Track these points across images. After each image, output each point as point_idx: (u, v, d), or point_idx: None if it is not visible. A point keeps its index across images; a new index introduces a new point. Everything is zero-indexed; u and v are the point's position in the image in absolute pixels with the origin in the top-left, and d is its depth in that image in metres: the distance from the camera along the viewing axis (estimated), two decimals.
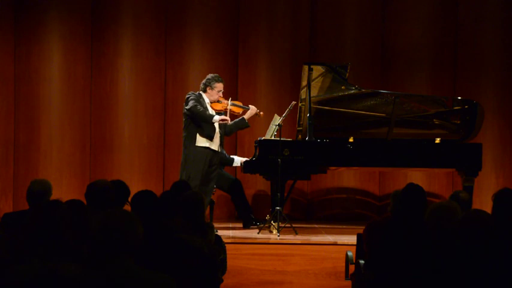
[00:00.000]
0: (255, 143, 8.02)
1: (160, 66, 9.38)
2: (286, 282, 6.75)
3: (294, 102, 7.80)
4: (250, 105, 7.85)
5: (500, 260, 3.43)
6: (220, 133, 7.63)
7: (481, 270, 3.38)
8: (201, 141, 7.49)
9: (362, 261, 4.92)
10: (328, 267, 6.75)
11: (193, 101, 7.45)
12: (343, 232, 7.68)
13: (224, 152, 8.09)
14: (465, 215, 3.58)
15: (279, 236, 7.17)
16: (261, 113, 7.86)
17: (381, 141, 7.97)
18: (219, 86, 7.62)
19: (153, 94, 9.37)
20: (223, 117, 7.49)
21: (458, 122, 8.13)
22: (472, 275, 3.37)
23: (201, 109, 7.43)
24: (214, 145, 7.55)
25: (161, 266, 3.36)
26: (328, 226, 8.45)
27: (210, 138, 7.49)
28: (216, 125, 7.56)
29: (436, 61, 9.42)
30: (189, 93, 7.64)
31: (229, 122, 7.57)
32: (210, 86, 7.60)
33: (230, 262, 5.83)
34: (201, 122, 7.47)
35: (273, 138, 7.79)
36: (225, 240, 5.59)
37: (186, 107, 7.49)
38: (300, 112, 7.96)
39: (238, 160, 8.21)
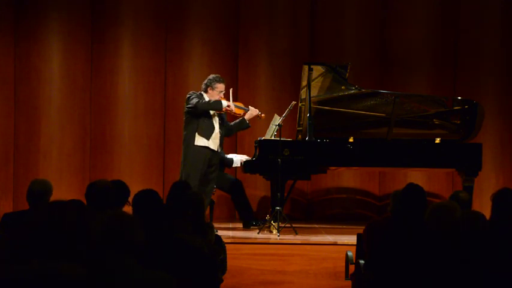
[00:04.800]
0: (255, 143, 8.02)
1: (160, 66, 9.38)
2: (286, 282, 6.74)
3: (294, 102, 7.80)
4: (251, 107, 7.86)
5: (500, 260, 3.43)
6: (220, 133, 7.65)
7: (481, 270, 3.38)
8: (200, 141, 7.50)
9: (362, 261, 4.92)
10: (328, 267, 6.75)
11: (195, 98, 7.50)
12: (343, 232, 7.67)
13: (223, 153, 8.07)
14: (460, 217, 3.58)
15: (279, 236, 7.16)
16: (262, 115, 7.86)
17: (381, 141, 7.97)
18: (220, 86, 7.63)
19: (153, 94, 9.37)
20: (230, 103, 7.56)
21: (458, 122, 8.13)
22: (472, 274, 3.37)
23: (206, 101, 7.48)
24: (214, 145, 7.55)
25: (161, 265, 3.36)
26: (328, 226, 8.44)
27: (208, 136, 7.49)
28: (216, 124, 7.58)
29: (436, 61, 9.42)
30: (190, 92, 7.66)
31: (233, 109, 7.61)
32: (211, 87, 7.61)
33: (230, 262, 5.83)
34: (208, 112, 7.49)
35: (273, 138, 7.79)
36: (225, 240, 5.59)
37: (190, 105, 7.49)
38: (300, 112, 7.96)
39: (237, 160, 8.19)
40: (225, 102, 7.54)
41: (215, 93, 7.61)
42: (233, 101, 7.78)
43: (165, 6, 9.39)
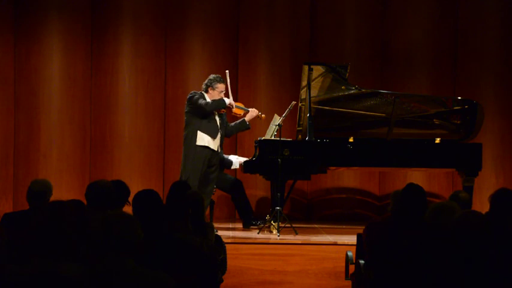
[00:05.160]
0: (255, 143, 8.02)
1: (160, 66, 9.38)
2: (286, 282, 6.75)
3: (294, 102, 7.81)
4: (251, 108, 7.86)
5: (498, 259, 3.43)
6: (220, 133, 7.65)
7: (480, 270, 3.38)
8: (201, 140, 7.51)
9: (362, 261, 4.92)
10: (328, 267, 6.75)
11: (201, 99, 7.53)
12: (343, 232, 7.67)
13: (222, 154, 8.07)
14: (458, 217, 3.58)
15: (279, 236, 7.16)
16: (263, 115, 7.87)
17: (381, 141, 7.97)
18: (221, 86, 7.64)
19: (153, 94, 9.37)
20: (232, 101, 7.65)
21: (458, 122, 8.13)
22: (471, 274, 3.37)
23: (211, 102, 7.52)
24: (214, 145, 7.56)
25: (161, 265, 3.36)
26: (328, 226, 8.44)
27: (213, 136, 7.51)
28: (217, 124, 7.59)
29: (436, 61, 9.42)
30: (192, 92, 7.67)
31: (233, 105, 7.66)
32: (212, 87, 7.62)
33: (230, 262, 5.84)
34: (216, 111, 7.57)
35: (273, 138, 7.79)
36: (225, 240, 5.60)
37: (196, 106, 7.50)
38: (300, 112, 7.96)
39: (236, 162, 8.18)
40: (227, 100, 7.59)
41: (216, 93, 7.62)
42: (233, 99, 7.80)
43: (165, 6, 9.39)
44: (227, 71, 7.83)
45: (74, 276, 2.76)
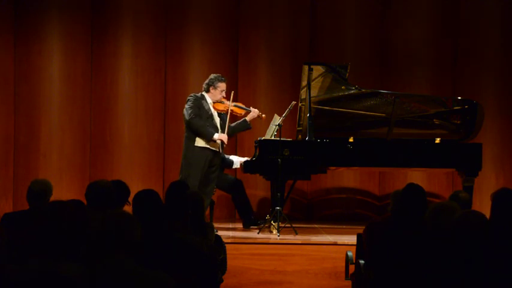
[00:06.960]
0: (255, 143, 8.02)
1: (160, 66, 9.38)
2: (286, 282, 6.75)
3: (294, 102, 7.81)
4: (252, 108, 7.85)
5: (499, 259, 3.43)
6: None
7: (480, 270, 3.38)
8: (201, 142, 7.50)
9: (362, 261, 4.92)
10: (328, 267, 6.75)
11: (191, 109, 7.46)
12: (343, 232, 7.67)
13: (223, 154, 8.07)
14: (458, 217, 3.58)
15: (279, 236, 7.16)
16: (263, 115, 7.86)
17: (381, 141, 7.97)
18: (222, 85, 7.64)
19: (153, 94, 9.38)
20: (222, 137, 7.49)
21: (458, 122, 8.13)
22: (471, 274, 3.37)
23: (201, 124, 7.44)
24: (215, 146, 7.55)
25: (161, 265, 3.36)
26: (328, 226, 8.44)
27: (212, 140, 7.49)
28: (218, 126, 7.58)
29: (436, 61, 9.42)
30: (190, 96, 7.61)
31: (226, 142, 7.60)
32: (214, 86, 7.61)
33: (230, 262, 5.83)
34: (210, 115, 7.52)
35: (273, 138, 7.79)
36: (225, 240, 5.60)
37: (185, 115, 7.50)
38: (300, 112, 7.96)
39: (237, 161, 8.19)
40: (216, 135, 7.52)
41: (217, 93, 7.62)
42: (233, 101, 7.77)
43: (165, 6, 9.39)
44: (232, 92, 7.73)
45: (74, 276, 2.76)
